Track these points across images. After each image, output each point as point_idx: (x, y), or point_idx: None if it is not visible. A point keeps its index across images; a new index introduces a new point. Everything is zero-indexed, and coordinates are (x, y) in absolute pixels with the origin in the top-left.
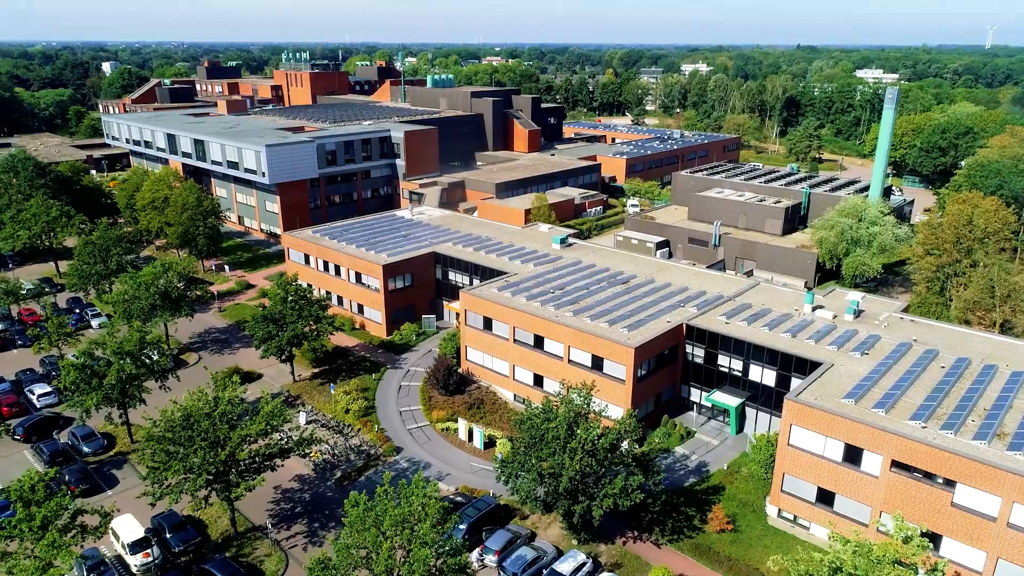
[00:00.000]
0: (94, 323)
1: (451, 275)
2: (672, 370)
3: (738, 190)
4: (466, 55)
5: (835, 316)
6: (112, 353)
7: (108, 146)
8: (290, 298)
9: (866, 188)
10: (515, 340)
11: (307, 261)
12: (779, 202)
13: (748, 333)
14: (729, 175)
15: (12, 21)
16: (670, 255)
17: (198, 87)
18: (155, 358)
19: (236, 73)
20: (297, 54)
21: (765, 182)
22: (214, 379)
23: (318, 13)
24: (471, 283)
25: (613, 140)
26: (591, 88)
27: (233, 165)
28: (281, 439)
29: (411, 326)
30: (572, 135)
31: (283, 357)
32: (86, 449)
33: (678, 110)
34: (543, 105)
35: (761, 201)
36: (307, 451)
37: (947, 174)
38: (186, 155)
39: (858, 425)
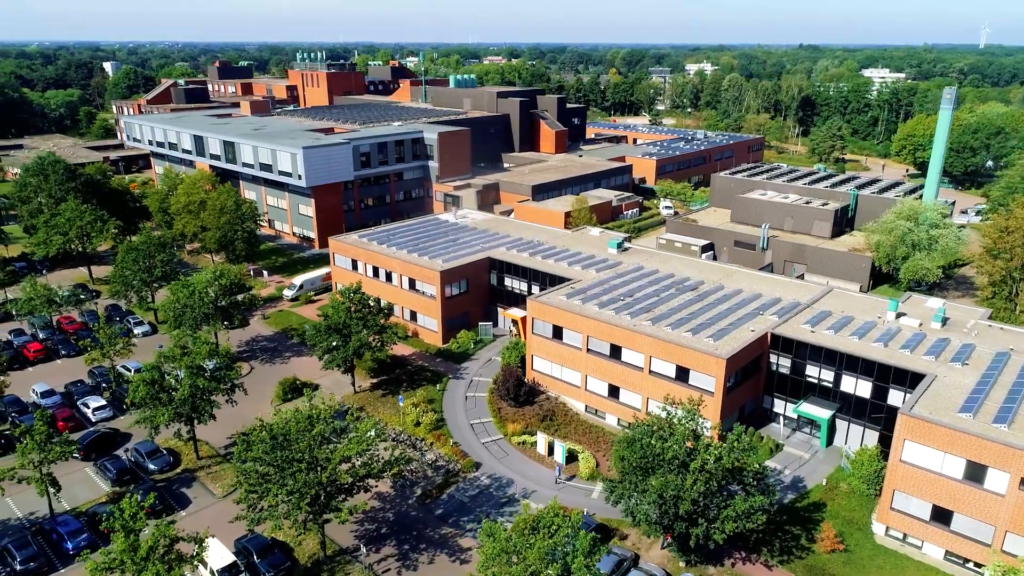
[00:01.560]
0: (136, 331)
1: (507, 281)
2: (756, 381)
3: (782, 192)
4: (466, 55)
5: (921, 324)
6: (186, 367)
7: (122, 147)
8: (353, 308)
9: (914, 190)
10: (588, 350)
11: (354, 267)
12: (826, 204)
13: (839, 342)
14: (769, 177)
15: (5, 21)
16: (714, 259)
17: (210, 87)
18: (226, 371)
19: (247, 73)
20: (311, 54)
21: (807, 184)
22: (308, 397)
23: (313, 15)
24: (529, 289)
25: (635, 140)
26: (603, 88)
27: (266, 167)
28: (375, 457)
29: (467, 334)
30: (592, 135)
31: (344, 368)
32: (152, 467)
33: (690, 110)
34: (568, 105)
35: (807, 203)
36: (403, 470)
37: (976, 175)
38: (214, 157)
39: (983, 441)
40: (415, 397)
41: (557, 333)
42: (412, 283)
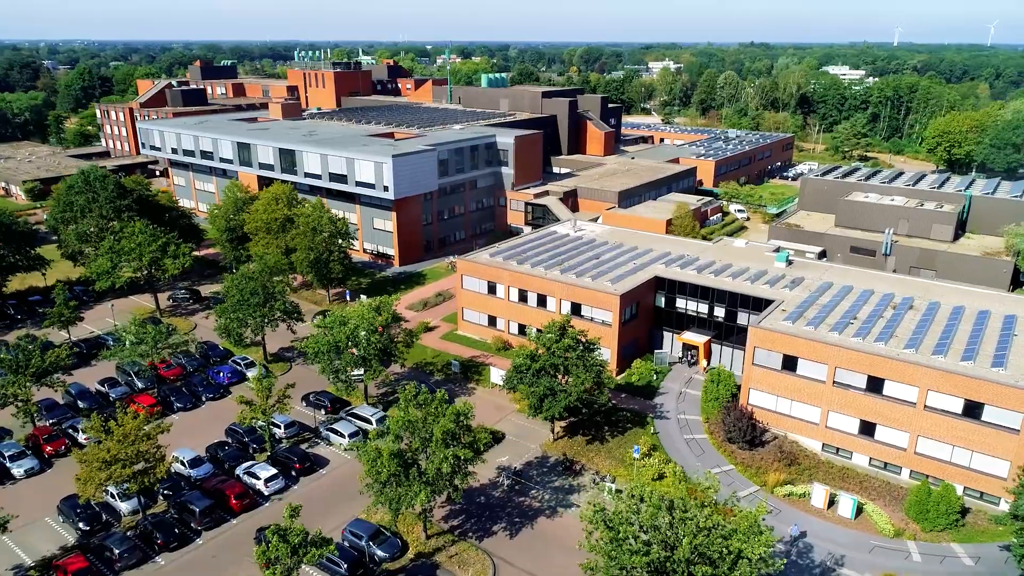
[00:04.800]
0: (249, 374)
1: (678, 303)
2: None
3: (885, 194)
4: (419, 54)
5: None
6: (440, 434)
7: (108, 155)
8: (564, 343)
9: None
10: (835, 383)
11: (491, 290)
12: (941, 206)
13: None
14: (861, 179)
15: None
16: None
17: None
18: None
19: (232, 73)
20: (313, 52)
21: (909, 185)
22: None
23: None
24: (710, 311)
25: (662, 140)
26: (593, 86)
27: (337, 178)
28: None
29: (642, 363)
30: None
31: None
32: (381, 554)
33: (676, 107)
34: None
35: (920, 205)
36: None
37: (1015, 171)
38: (265, 167)
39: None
40: (637, 442)
41: (789, 364)
42: (577, 308)
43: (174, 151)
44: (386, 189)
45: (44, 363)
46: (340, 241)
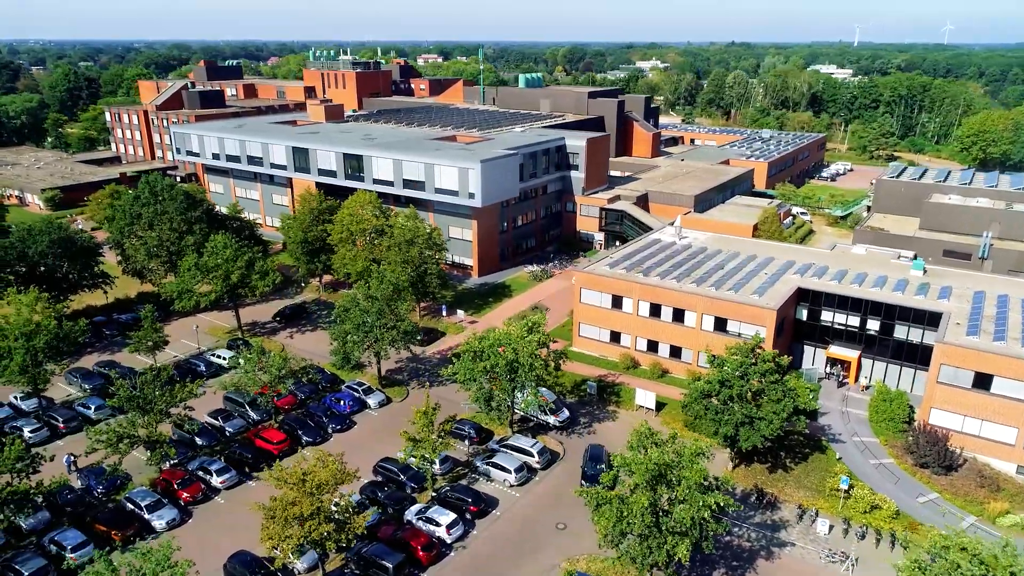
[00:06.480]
0: (371, 402)
1: (823, 315)
2: None
3: (966, 196)
4: (398, 52)
5: None
6: (692, 484)
7: (119, 160)
8: (760, 367)
9: None
10: None
11: (616, 304)
12: None
13: None
14: (937, 180)
15: None
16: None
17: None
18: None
19: (238, 73)
20: (330, 52)
21: (991, 186)
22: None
23: (209, 12)
24: (862, 324)
25: (692, 141)
26: (600, 85)
27: (413, 184)
28: None
29: (794, 380)
30: None
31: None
32: None
33: (681, 107)
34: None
35: (1010, 207)
36: None
37: None
38: (325, 173)
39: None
40: (833, 470)
41: (981, 382)
42: (722, 324)
43: (215, 156)
44: (472, 196)
45: (175, 398)
46: (435, 253)
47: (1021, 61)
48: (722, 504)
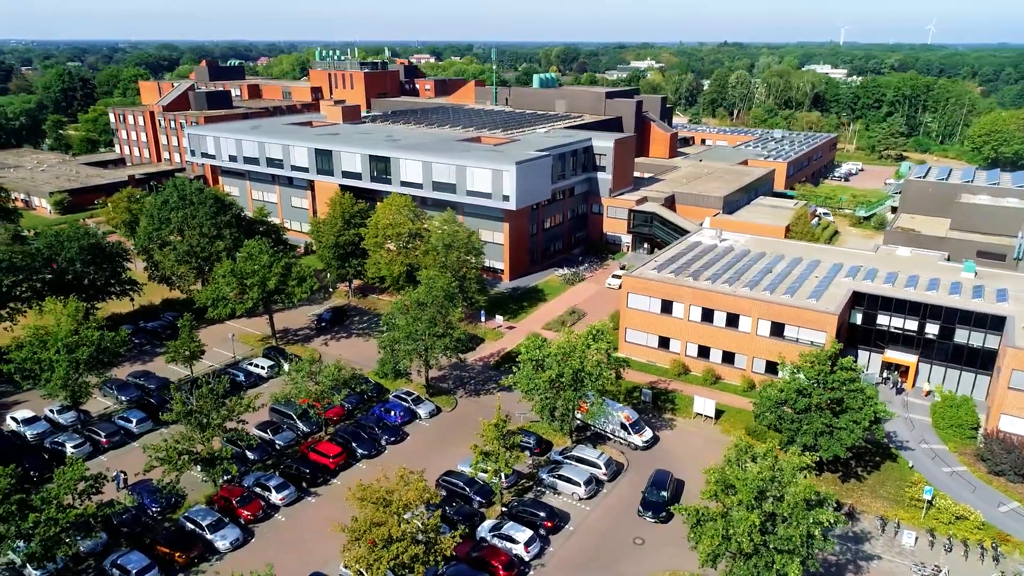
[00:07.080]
0: (421, 412)
1: (879, 319)
2: None
3: (995, 196)
4: (392, 54)
5: None
6: (798, 500)
7: (124, 163)
8: (839, 376)
9: None
10: None
11: (666, 308)
12: None
13: None
14: (964, 180)
15: None
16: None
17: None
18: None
19: (240, 73)
20: (336, 52)
21: (1020, 186)
22: None
23: (194, 8)
24: (920, 329)
25: (703, 141)
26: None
27: (443, 187)
28: None
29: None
30: None
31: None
32: None
33: (684, 106)
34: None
35: None
36: None
37: None
38: (350, 175)
39: None
40: (911, 479)
41: None
42: (779, 329)
43: (231, 158)
44: (506, 199)
45: (232, 412)
46: (473, 258)
47: (1013, 61)
48: (833, 521)
